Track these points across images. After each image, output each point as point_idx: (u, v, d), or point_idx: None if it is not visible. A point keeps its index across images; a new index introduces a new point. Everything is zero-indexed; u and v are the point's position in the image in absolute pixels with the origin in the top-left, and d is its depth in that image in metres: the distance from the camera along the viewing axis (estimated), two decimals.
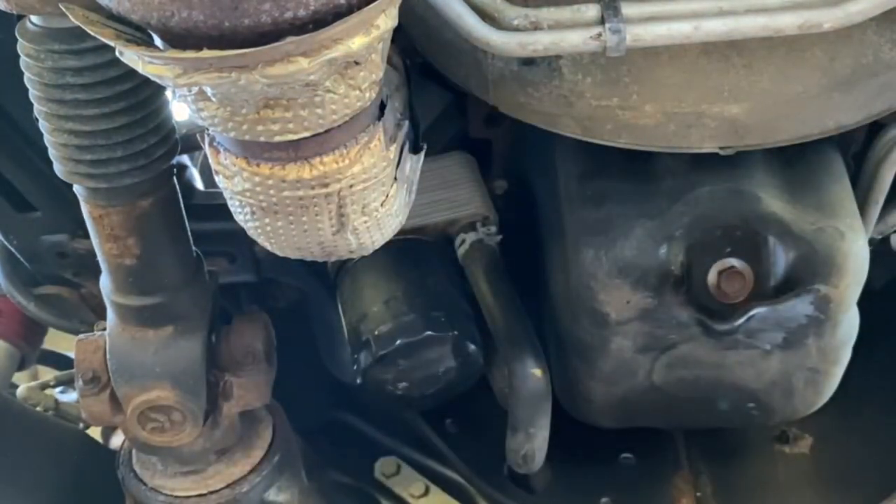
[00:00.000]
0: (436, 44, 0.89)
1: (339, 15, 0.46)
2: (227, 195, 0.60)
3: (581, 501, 1.14)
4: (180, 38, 0.46)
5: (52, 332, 1.24)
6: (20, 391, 1.37)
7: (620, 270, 0.90)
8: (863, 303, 0.95)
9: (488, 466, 1.14)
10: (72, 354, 0.85)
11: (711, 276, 0.88)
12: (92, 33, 0.50)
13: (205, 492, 0.89)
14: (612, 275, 0.90)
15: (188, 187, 1.05)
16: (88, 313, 1.08)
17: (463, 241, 0.97)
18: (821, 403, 1.01)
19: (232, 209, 0.62)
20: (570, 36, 0.74)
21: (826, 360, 0.95)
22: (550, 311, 0.99)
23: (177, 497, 0.90)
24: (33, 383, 1.43)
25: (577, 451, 1.11)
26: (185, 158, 1.10)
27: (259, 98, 0.50)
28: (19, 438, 0.98)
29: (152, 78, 0.49)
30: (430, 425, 1.17)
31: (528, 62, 0.82)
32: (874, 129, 0.94)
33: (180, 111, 0.79)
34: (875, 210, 0.98)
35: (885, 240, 1.09)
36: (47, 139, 0.70)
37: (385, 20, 0.48)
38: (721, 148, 0.83)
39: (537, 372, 0.89)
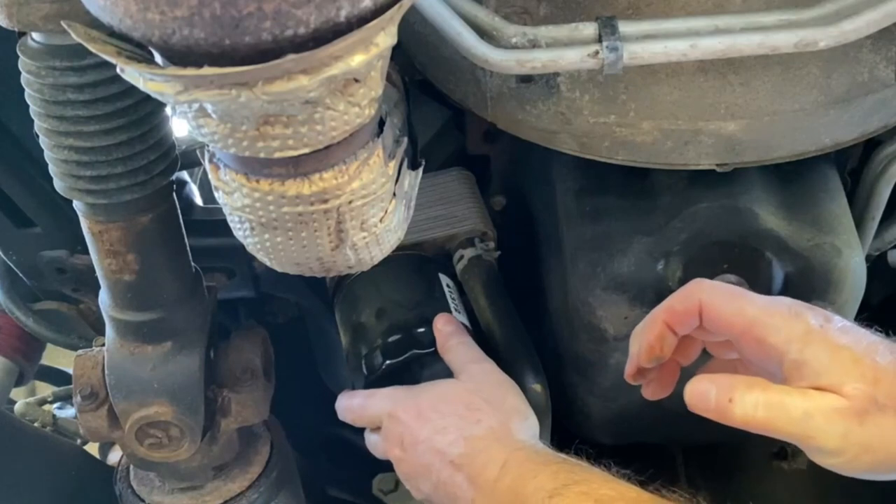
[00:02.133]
0: (434, 61, 0.90)
1: (338, 33, 0.46)
2: (226, 211, 0.61)
3: None
4: (181, 56, 0.47)
5: (50, 347, 1.24)
6: (18, 407, 1.38)
7: (618, 286, 0.90)
8: (860, 319, 0.95)
9: None
10: (70, 370, 0.85)
11: None
12: (93, 51, 0.51)
13: None
14: (610, 290, 0.90)
15: (187, 203, 1.06)
16: (87, 329, 1.08)
17: (461, 257, 0.98)
18: None
19: (231, 225, 0.62)
20: (568, 54, 0.75)
21: None
22: (548, 326, 0.99)
23: None
24: (31, 399, 1.43)
25: None
26: (184, 174, 1.10)
27: (259, 115, 0.50)
28: (17, 454, 0.98)
29: (153, 95, 0.49)
30: None
31: (526, 79, 0.82)
32: (870, 145, 0.95)
33: (180, 127, 0.80)
34: (872, 226, 0.99)
35: (882, 256, 1.09)
36: (47, 155, 0.70)
37: (384, 38, 0.49)
38: (718, 165, 0.84)
39: (537, 387, 0.89)
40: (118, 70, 0.49)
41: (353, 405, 0.88)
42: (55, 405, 1.46)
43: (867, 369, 0.65)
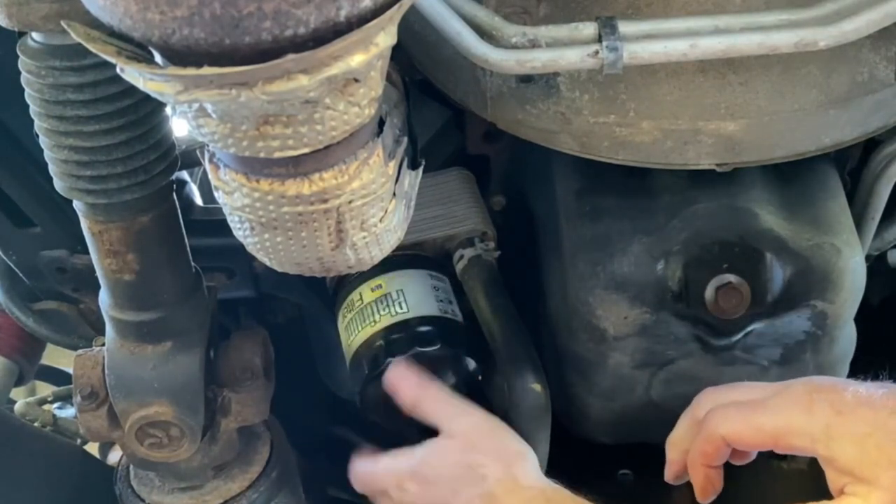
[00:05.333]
0: (434, 61, 0.90)
1: (338, 32, 0.46)
2: (226, 211, 0.61)
3: None
4: (181, 56, 0.47)
5: (50, 347, 1.24)
6: (18, 407, 1.38)
7: (618, 286, 0.90)
8: (860, 319, 0.95)
9: None
10: (70, 370, 0.85)
11: (709, 292, 0.89)
12: (93, 51, 0.51)
13: None
14: (610, 290, 0.90)
15: (187, 203, 1.06)
16: (87, 329, 1.08)
17: (461, 257, 0.98)
18: None
19: (231, 225, 0.62)
20: (568, 54, 0.75)
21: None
22: (548, 326, 0.99)
23: None
24: (31, 399, 1.43)
25: (575, 466, 1.11)
26: (184, 174, 1.10)
27: (259, 115, 0.50)
28: (17, 454, 0.98)
29: (153, 95, 0.49)
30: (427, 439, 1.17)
31: (526, 79, 0.82)
32: (870, 145, 0.95)
33: (180, 127, 0.80)
34: (871, 226, 0.98)
35: (882, 256, 1.09)
36: (47, 155, 0.70)
37: (384, 38, 0.49)
38: (718, 165, 0.84)
39: (537, 387, 0.89)
40: (118, 70, 0.49)
41: (359, 475, 0.89)
42: (55, 405, 1.46)
43: (894, 452, 0.68)
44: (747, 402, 0.75)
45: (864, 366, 1.00)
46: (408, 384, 0.86)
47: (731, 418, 0.75)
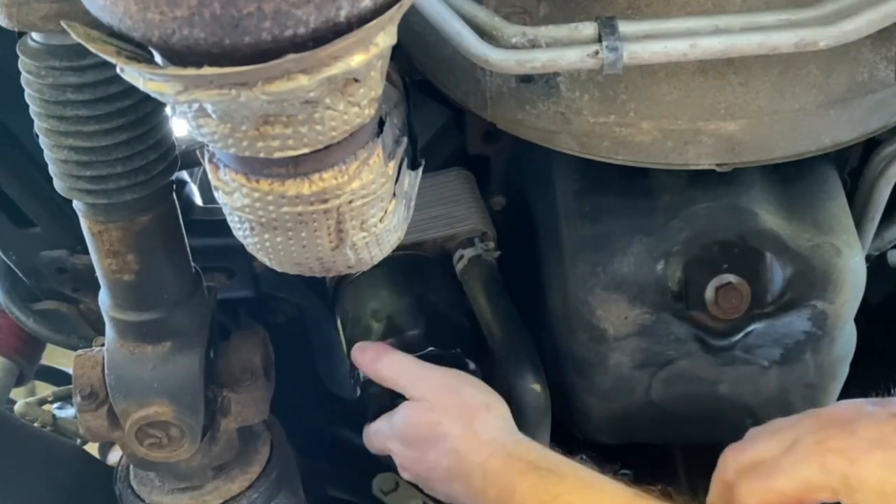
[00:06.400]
0: (434, 61, 0.90)
1: (338, 33, 0.47)
2: (226, 211, 0.61)
3: None
4: (181, 56, 0.47)
5: (50, 347, 1.24)
6: (18, 407, 1.38)
7: (618, 286, 0.90)
8: (860, 318, 0.95)
9: None
10: (70, 370, 0.85)
11: (709, 292, 0.89)
12: (93, 50, 0.51)
13: None
14: (610, 290, 0.90)
15: (187, 203, 1.06)
16: (87, 329, 1.08)
17: (461, 257, 0.98)
18: None
19: (231, 225, 0.62)
20: (568, 54, 0.75)
21: (823, 376, 0.95)
22: (548, 326, 0.99)
23: None
24: (31, 399, 1.43)
25: None
26: (184, 174, 1.10)
27: (259, 115, 0.50)
28: (16, 454, 0.98)
29: (153, 95, 0.49)
30: None
31: (526, 79, 0.82)
32: (870, 145, 0.95)
33: (180, 127, 0.80)
34: (871, 226, 0.99)
35: (882, 256, 1.09)
36: (47, 155, 0.70)
37: (384, 38, 0.49)
38: (718, 165, 0.84)
39: (537, 387, 0.89)
40: (118, 70, 0.49)
41: (365, 437, 0.93)
42: (55, 405, 1.46)
43: None
44: (765, 466, 0.75)
45: (864, 367, 1.00)
46: (366, 356, 0.89)
47: (755, 490, 0.75)
